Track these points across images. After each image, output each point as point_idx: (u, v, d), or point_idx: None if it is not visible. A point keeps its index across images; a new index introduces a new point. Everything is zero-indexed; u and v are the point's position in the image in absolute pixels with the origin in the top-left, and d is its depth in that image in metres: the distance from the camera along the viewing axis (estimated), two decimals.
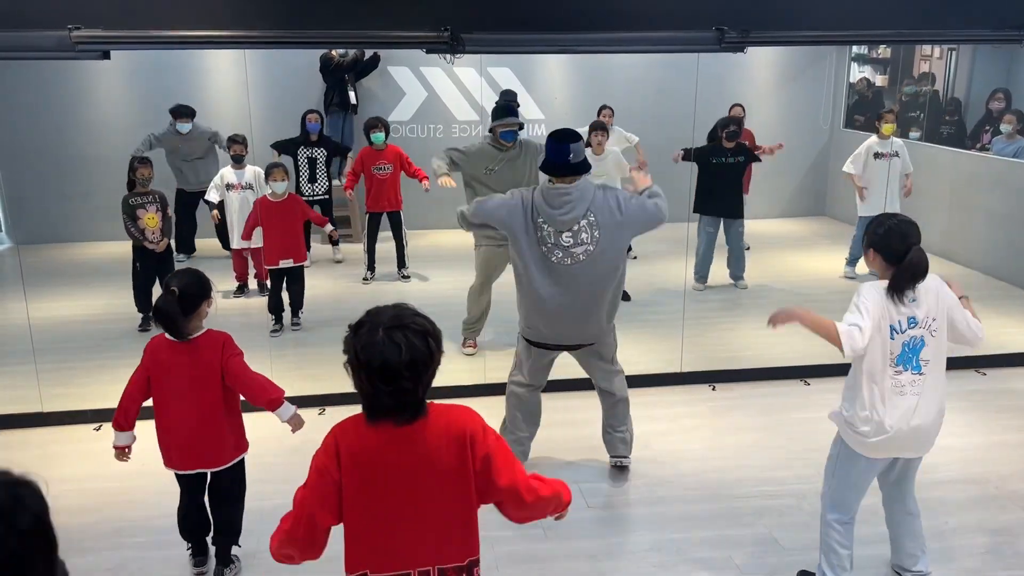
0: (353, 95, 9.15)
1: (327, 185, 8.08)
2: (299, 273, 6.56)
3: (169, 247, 6.44)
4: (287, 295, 6.59)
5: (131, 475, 4.46)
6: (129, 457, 3.49)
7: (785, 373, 5.68)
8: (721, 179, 7.38)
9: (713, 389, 5.56)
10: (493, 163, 5.68)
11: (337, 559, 2.28)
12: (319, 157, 7.96)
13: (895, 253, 3.16)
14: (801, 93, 10.36)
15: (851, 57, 10.22)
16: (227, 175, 7.19)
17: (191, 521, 3.60)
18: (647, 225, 4.09)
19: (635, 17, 4.70)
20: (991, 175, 8.08)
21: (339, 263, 8.38)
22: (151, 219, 6.24)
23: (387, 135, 7.66)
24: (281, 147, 7.87)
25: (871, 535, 3.67)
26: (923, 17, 5.00)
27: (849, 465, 3.32)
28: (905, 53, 9.58)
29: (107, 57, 4.48)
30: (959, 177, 8.51)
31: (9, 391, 5.36)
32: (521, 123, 5.92)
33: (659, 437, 4.87)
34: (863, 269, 7.52)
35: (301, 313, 6.69)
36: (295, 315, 6.67)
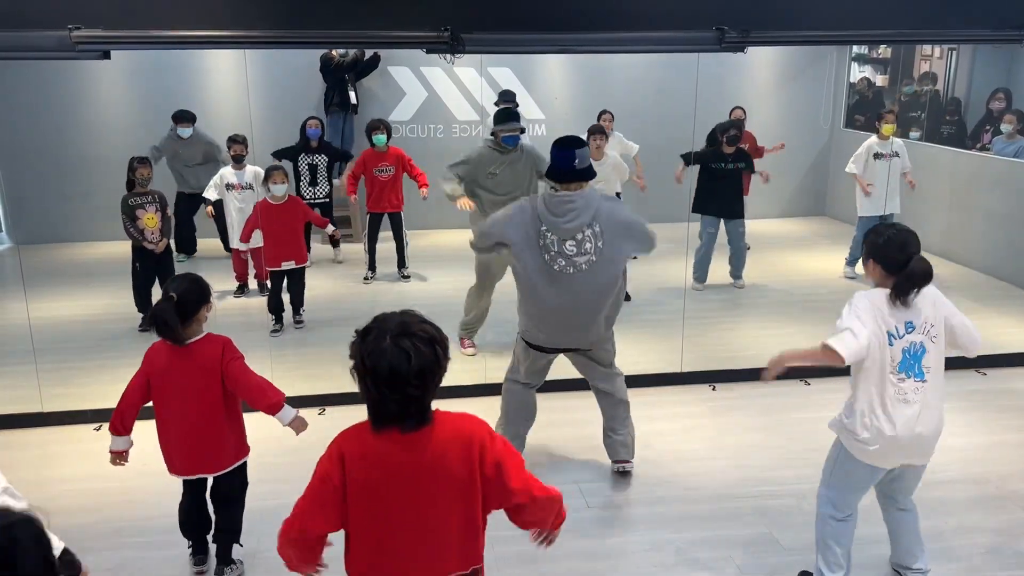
0: (353, 95, 9.15)
1: (328, 189, 8.09)
2: (300, 274, 6.57)
3: (169, 247, 6.44)
4: (287, 295, 6.59)
5: (131, 475, 4.46)
6: (126, 462, 3.47)
7: (786, 373, 5.65)
8: (721, 183, 7.39)
9: (713, 389, 5.57)
10: (494, 166, 5.69)
11: (337, 559, 2.28)
12: (320, 163, 7.97)
13: (894, 263, 3.15)
14: (801, 93, 10.36)
15: (851, 57, 10.22)
16: (227, 175, 7.19)
17: (192, 520, 3.61)
18: (642, 247, 4.14)
19: (635, 17, 4.70)
20: (991, 175, 8.08)
21: (340, 263, 8.38)
22: (150, 219, 6.24)
23: (389, 137, 7.66)
24: (281, 155, 7.86)
25: (871, 535, 3.67)
26: (923, 17, 5.00)
27: (849, 468, 3.31)
28: (905, 53, 9.59)
29: (107, 57, 4.48)
30: (959, 177, 8.51)
31: (9, 391, 5.36)
32: (523, 128, 5.94)
33: (659, 437, 4.87)
34: (863, 269, 7.52)
35: (303, 311, 6.70)
36: (296, 313, 6.68)
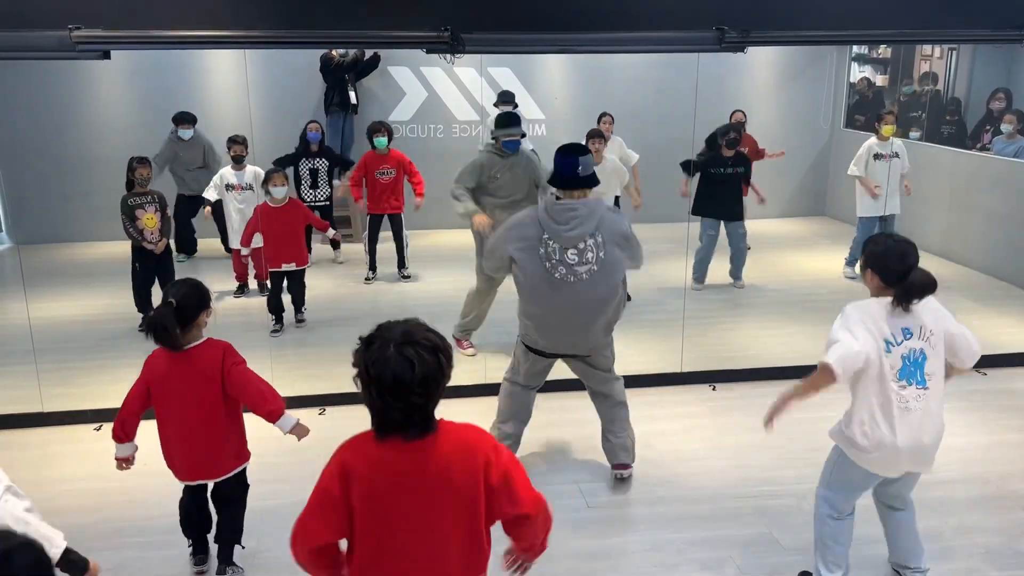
0: (353, 95, 9.15)
1: (328, 192, 8.11)
2: (300, 275, 6.58)
3: (168, 247, 6.43)
4: (287, 295, 6.59)
5: (131, 475, 4.44)
6: (132, 465, 3.48)
7: (785, 373, 5.64)
8: (721, 187, 7.39)
9: (713, 389, 5.57)
10: (495, 171, 5.74)
11: None
12: (321, 168, 7.98)
13: (892, 274, 3.13)
14: (801, 93, 10.36)
15: (851, 57, 10.22)
16: (227, 175, 7.19)
17: (192, 519, 3.61)
18: (633, 263, 4.11)
19: (635, 17, 4.70)
20: (991, 175, 8.08)
21: (340, 264, 8.38)
22: (150, 219, 6.23)
23: (390, 139, 7.66)
24: (284, 164, 7.83)
25: (871, 535, 3.66)
26: (923, 17, 5.00)
27: (847, 472, 3.31)
28: (905, 53, 9.58)
29: (107, 57, 4.48)
30: (959, 177, 8.51)
31: (9, 391, 5.36)
32: (524, 133, 5.95)
33: (659, 437, 4.87)
34: (861, 277, 7.52)
35: (304, 310, 6.72)
36: (298, 312, 6.69)
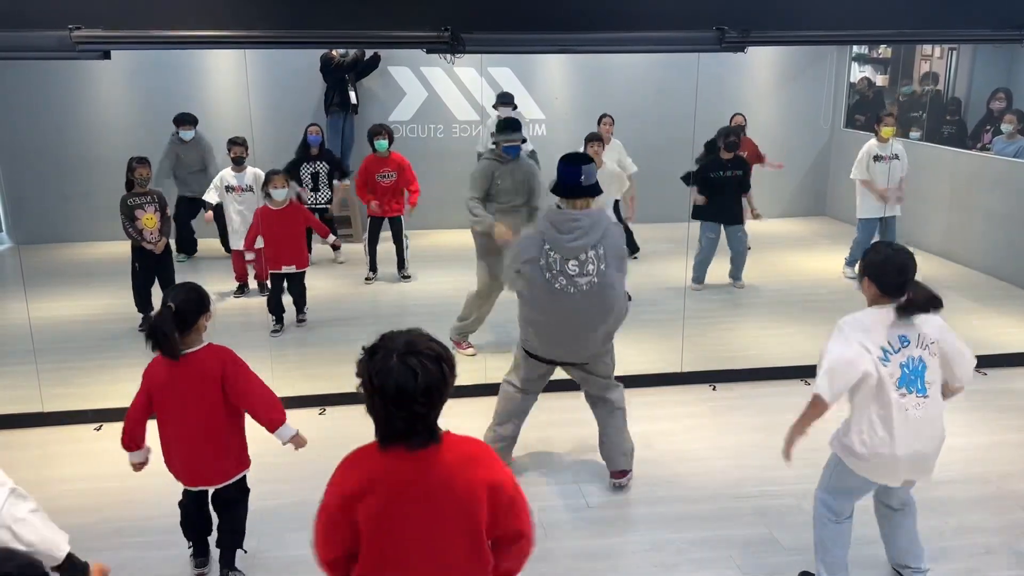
0: (354, 95, 9.16)
1: (329, 195, 8.14)
2: (300, 277, 6.58)
3: (168, 247, 6.44)
4: (288, 296, 6.60)
5: (131, 475, 4.43)
6: (147, 466, 3.49)
7: (785, 373, 5.68)
8: (719, 191, 7.38)
9: (713, 389, 5.57)
10: (497, 176, 5.76)
11: None
12: (321, 171, 8.01)
13: (890, 284, 3.13)
14: (801, 93, 10.36)
15: (851, 57, 10.21)
16: (227, 177, 7.18)
17: (192, 519, 3.60)
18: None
19: (635, 17, 4.70)
20: (992, 175, 8.08)
21: (340, 264, 8.38)
22: (149, 219, 6.23)
23: (391, 142, 7.66)
24: (289, 171, 7.85)
25: (871, 535, 3.66)
26: (923, 17, 5.00)
27: (846, 478, 3.30)
28: (905, 53, 9.58)
29: (107, 57, 4.48)
30: (959, 177, 8.51)
31: (9, 391, 5.36)
32: (524, 138, 5.95)
33: (659, 437, 4.87)
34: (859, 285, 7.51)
35: (306, 309, 6.73)
36: (300, 312, 6.70)
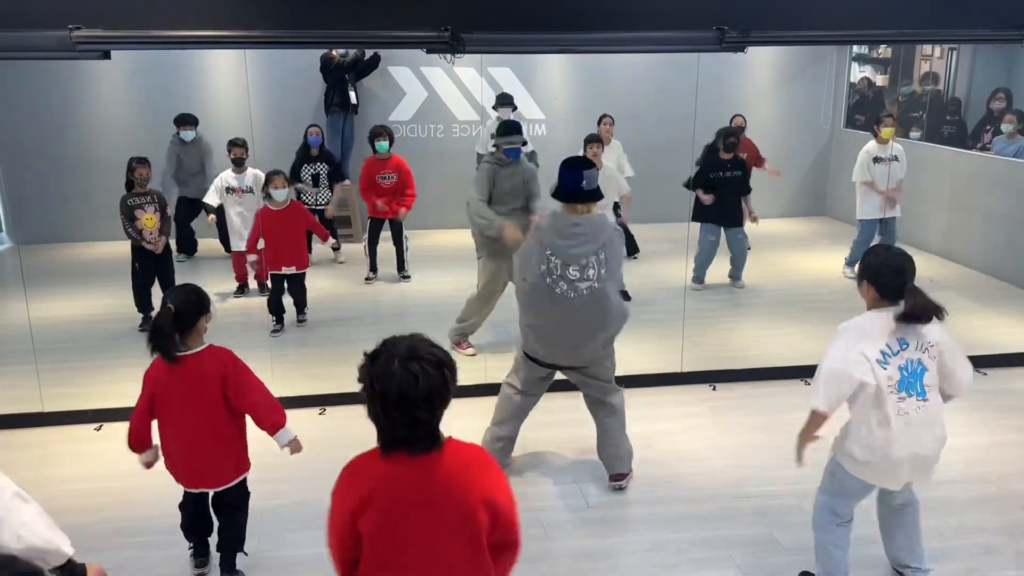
0: (354, 95, 9.16)
1: (329, 195, 8.16)
2: (300, 278, 6.59)
3: (168, 247, 6.44)
4: (288, 297, 6.60)
5: (131, 475, 4.46)
6: (158, 461, 3.49)
7: (785, 373, 5.68)
8: (719, 192, 7.37)
9: (713, 389, 5.57)
10: (498, 179, 5.78)
11: None
12: (322, 172, 8.02)
13: (888, 288, 3.13)
14: (801, 93, 10.36)
15: (851, 57, 10.22)
16: (227, 178, 7.18)
17: (192, 520, 3.59)
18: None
19: (635, 17, 4.70)
20: (992, 175, 8.08)
21: (341, 264, 8.39)
22: (149, 220, 6.23)
23: (391, 144, 7.67)
24: (293, 174, 7.90)
25: (871, 535, 3.66)
26: (923, 17, 5.00)
27: (845, 481, 3.29)
28: (905, 53, 9.58)
29: (107, 57, 4.48)
30: (959, 177, 8.51)
31: (9, 391, 5.36)
32: (525, 140, 5.95)
33: (659, 437, 4.87)
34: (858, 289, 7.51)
35: (306, 310, 6.73)
36: (300, 312, 6.70)
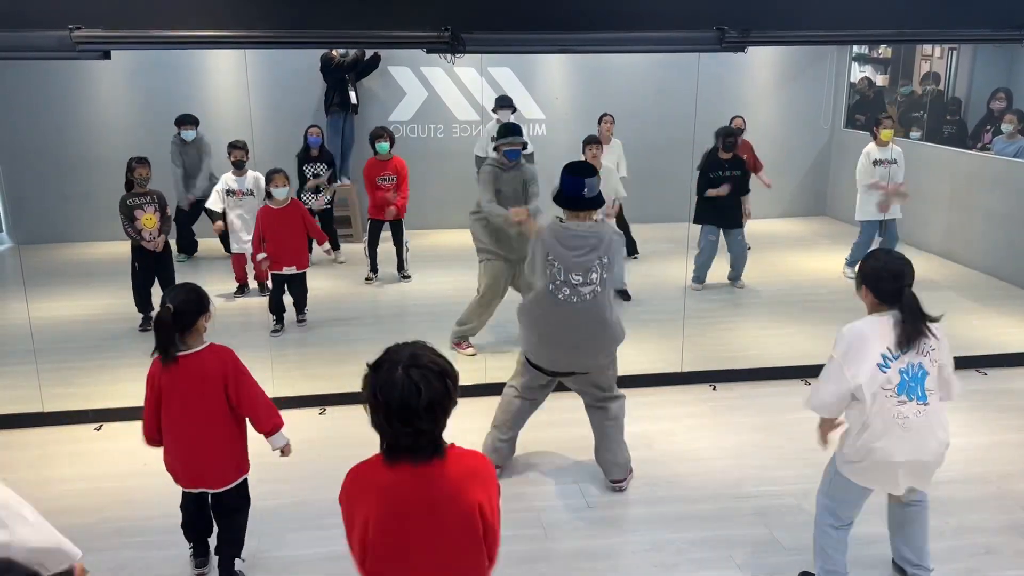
0: (354, 95, 9.15)
1: (329, 197, 8.17)
2: (301, 278, 6.59)
3: (168, 246, 6.43)
4: (289, 297, 6.60)
5: (131, 475, 4.47)
6: None
7: (785, 373, 5.68)
8: (712, 194, 7.36)
9: (714, 389, 5.57)
10: (499, 181, 5.78)
11: (346, 558, 2.28)
12: (322, 172, 8.02)
13: (887, 291, 3.13)
14: (801, 93, 10.35)
15: (852, 57, 10.22)
16: (228, 181, 7.18)
17: (192, 520, 3.58)
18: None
19: (635, 17, 4.70)
20: (992, 175, 8.08)
21: (341, 264, 8.38)
22: (148, 220, 6.23)
23: (392, 145, 7.67)
24: (302, 180, 7.95)
25: (871, 535, 3.67)
26: (923, 17, 5.00)
27: (845, 486, 3.28)
28: (905, 53, 9.58)
29: (108, 57, 4.48)
30: (959, 177, 8.51)
31: (9, 391, 5.36)
32: (525, 142, 5.95)
33: (659, 437, 4.87)
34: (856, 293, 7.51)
35: (306, 310, 6.73)
36: (300, 312, 6.70)
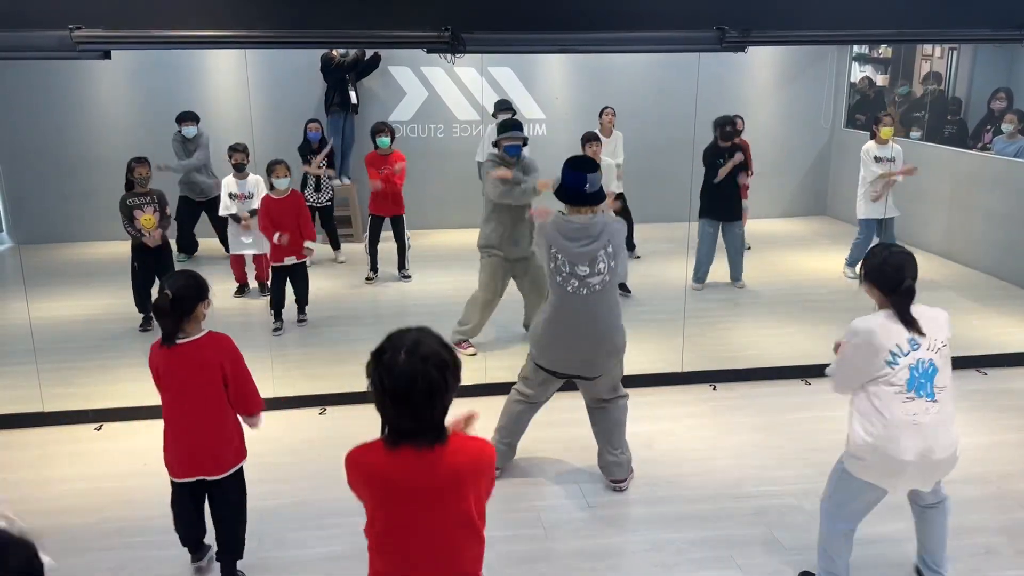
0: (354, 95, 9.16)
1: (330, 193, 8.18)
2: (303, 272, 6.59)
3: (168, 245, 6.44)
4: (290, 295, 6.60)
5: (131, 475, 4.48)
6: None
7: (786, 373, 5.68)
8: (719, 183, 7.36)
9: (714, 389, 5.57)
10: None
11: (346, 558, 2.28)
12: (322, 166, 8.01)
13: (889, 285, 3.14)
14: (801, 93, 10.36)
15: (852, 57, 10.22)
16: (230, 184, 7.18)
17: (185, 519, 3.53)
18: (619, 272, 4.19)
19: (635, 17, 4.71)
20: (992, 175, 8.08)
21: (341, 263, 8.39)
22: (148, 220, 6.23)
23: (392, 139, 7.68)
24: (303, 154, 8.03)
25: (872, 535, 3.67)
26: (923, 17, 5.00)
27: (852, 486, 3.27)
28: (906, 53, 9.58)
29: (108, 57, 4.48)
30: (960, 177, 8.51)
31: (10, 391, 5.36)
32: (525, 138, 5.96)
33: (660, 437, 4.87)
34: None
35: (307, 308, 6.73)
36: (301, 311, 6.70)
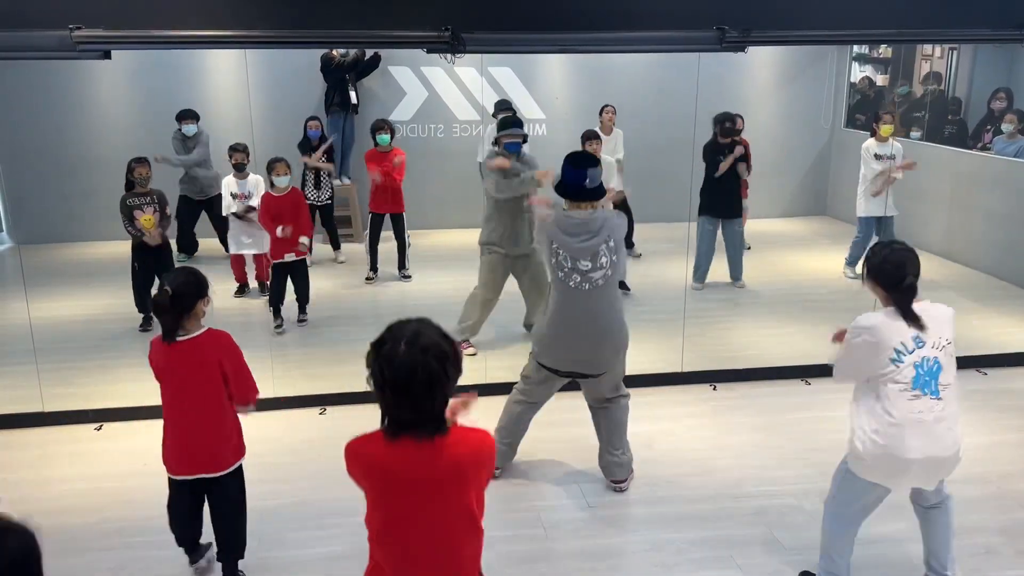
0: (354, 95, 9.16)
1: (330, 192, 8.18)
2: (303, 269, 6.60)
3: (168, 245, 6.44)
4: (290, 290, 6.60)
5: (131, 475, 4.48)
6: None
7: (786, 373, 5.68)
8: (719, 179, 7.36)
9: (714, 389, 5.57)
10: (500, 173, 5.75)
11: (346, 558, 2.28)
12: (322, 160, 8.01)
13: (891, 281, 3.14)
14: (801, 93, 10.36)
15: (852, 57, 10.22)
16: (230, 184, 7.18)
17: (181, 520, 3.52)
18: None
19: (635, 17, 4.71)
20: (992, 175, 8.08)
21: (341, 263, 8.39)
22: (147, 220, 6.23)
23: (392, 137, 7.69)
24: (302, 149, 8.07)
25: (872, 535, 3.67)
26: (923, 17, 5.00)
27: (855, 485, 3.26)
28: (906, 53, 9.58)
29: (108, 57, 4.49)
30: (960, 177, 8.51)
31: (10, 391, 5.36)
32: (525, 135, 5.96)
33: (660, 437, 4.87)
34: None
35: (307, 308, 6.73)
36: (302, 311, 6.70)
